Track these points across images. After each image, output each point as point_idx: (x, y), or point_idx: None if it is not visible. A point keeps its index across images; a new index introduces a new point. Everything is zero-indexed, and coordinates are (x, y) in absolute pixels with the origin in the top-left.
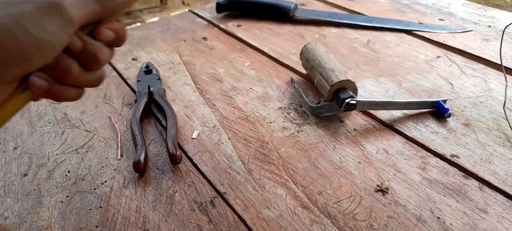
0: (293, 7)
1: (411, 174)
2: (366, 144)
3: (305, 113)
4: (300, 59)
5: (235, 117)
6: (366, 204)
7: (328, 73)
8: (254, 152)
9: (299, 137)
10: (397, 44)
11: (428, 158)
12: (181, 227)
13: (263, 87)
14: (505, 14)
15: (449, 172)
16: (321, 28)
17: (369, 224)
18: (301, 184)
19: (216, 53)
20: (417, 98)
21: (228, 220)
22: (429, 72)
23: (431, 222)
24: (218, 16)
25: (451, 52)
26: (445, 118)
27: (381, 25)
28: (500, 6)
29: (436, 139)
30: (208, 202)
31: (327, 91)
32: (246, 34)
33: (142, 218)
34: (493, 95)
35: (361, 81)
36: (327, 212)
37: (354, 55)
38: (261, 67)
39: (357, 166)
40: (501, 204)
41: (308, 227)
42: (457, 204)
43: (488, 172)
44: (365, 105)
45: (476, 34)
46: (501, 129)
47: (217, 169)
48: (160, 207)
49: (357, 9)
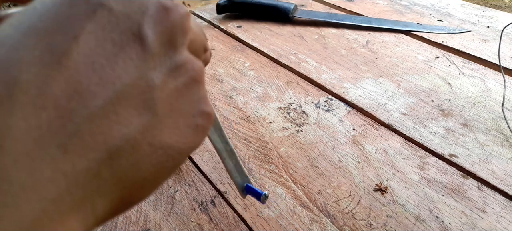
0: (292, 8)
1: (409, 174)
2: (365, 143)
3: (304, 113)
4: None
5: (235, 116)
6: (365, 203)
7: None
8: (254, 152)
9: (298, 137)
10: (396, 44)
11: (426, 157)
12: (181, 226)
13: (263, 88)
14: (504, 14)
15: (447, 172)
16: (321, 29)
17: (368, 223)
18: (300, 184)
19: (216, 54)
20: (416, 97)
21: (228, 219)
22: (427, 73)
23: (430, 221)
24: (218, 17)
25: (450, 53)
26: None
27: (380, 26)
28: (498, 6)
29: (435, 138)
30: (208, 201)
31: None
32: (246, 35)
33: (143, 217)
34: (492, 95)
35: (360, 82)
36: (327, 211)
37: (353, 56)
38: (261, 68)
39: (356, 165)
40: (499, 204)
41: (308, 226)
42: (456, 204)
43: (486, 171)
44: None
45: (474, 35)
46: (500, 129)
47: (217, 168)
48: (161, 206)
49: (356, 10)
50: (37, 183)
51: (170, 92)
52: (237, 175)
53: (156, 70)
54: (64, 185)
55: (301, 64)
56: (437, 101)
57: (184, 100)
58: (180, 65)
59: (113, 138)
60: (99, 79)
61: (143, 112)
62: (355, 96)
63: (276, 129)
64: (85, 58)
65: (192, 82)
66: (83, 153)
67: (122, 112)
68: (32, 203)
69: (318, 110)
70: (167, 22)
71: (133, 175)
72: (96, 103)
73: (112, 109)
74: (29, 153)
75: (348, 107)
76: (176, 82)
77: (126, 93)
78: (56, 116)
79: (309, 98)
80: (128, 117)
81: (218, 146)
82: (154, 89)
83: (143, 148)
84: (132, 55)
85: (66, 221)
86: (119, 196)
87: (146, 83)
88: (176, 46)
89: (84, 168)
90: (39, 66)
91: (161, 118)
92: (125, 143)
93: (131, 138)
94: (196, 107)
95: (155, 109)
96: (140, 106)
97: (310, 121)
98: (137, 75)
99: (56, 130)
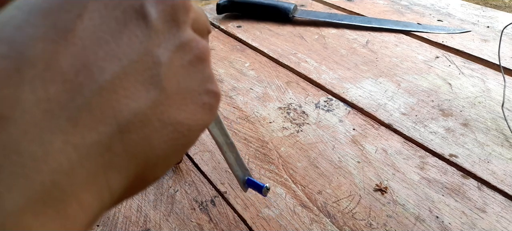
0: (292, 8)
1: (409, 174)
2: (365, 143)
3: (304, 113)
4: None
5: (235, 116)
6: (365, 203)
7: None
8: (254, 152)
9: (298, 137)
10: (396, 44)
11: (426, 157)
12: (181, 226)
13: (263, 88)
14: (504, 14)
15: (447, 172)
16: (321, 29)
17: (368, 223)
18: (300, 184)
19: (216, 54)
20: (416, 97)
21: (228, 219)
22: (427, 73)
23: (430, 221)
24: (218, 17)
25: (450, 53)
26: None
27: (380, 26)
28: (498, 6)
29: (435, 138)
30: (208, 201)
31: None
32: (246, 35)
33: (143, 217)
34: (492, 95)
35: (360, 82)
36: (327, 211)
37: (353, 56)
38: (261, 68)
39: (356, 165)
40: (499, 204)
41: (308, 226)
42: (456, 204)
43: (486, 171)
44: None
45: (474, 35)
46: (500, 129)
47: (217, 168)
48: (161, 206)
49: (356, 10)
50: (48, 154)
51: (176, 69)
52: (238, 168)
53: (161, 46)
54: (75, 157)
55: (301, 64)
56: (437, 101)
57: (191, 78)
58: (184, 43)
59: (123, 111)
60: (105, 55)
61: (150, 88)
62: (355, 96)
63: (276, 129)
64: (90, 34)
65: (197, 61)
66: (93, 126)
67: (130, 87)
68: (42, 174)
69: (318, 110)
70: (169, 0)
71: (145, 150)
72: (104, 77)
73: (120, 84)
74: (39, 124)
75: (348, 107)
76: (181, 60)
77: (133, 69)
78: (64, 89)
79: (309, 98)
80: (136, 92)
81: (219, 139)
82: (161, 66)
83: (153, 123)
84: (137, 32)
85: (79, 195)
86: (133, 172)
87: (152, 60)
88: (179, 24)
89: (94, 140)
90: (46, 42)
91: (168, 94)
92: (135, 117)
93: (141, 113)
94: (202, 85)
95: (163, 86)
96: (148, 82)
97: (310, 121)
98: (143, 51)
99: (65, 102)
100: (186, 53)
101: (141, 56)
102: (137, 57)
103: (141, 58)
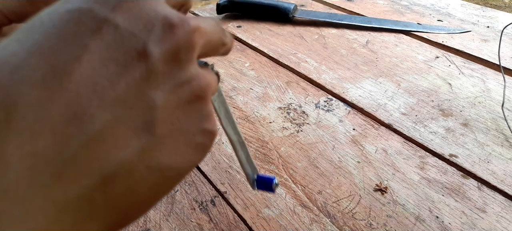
0: (292, 8)
1: (409, 174)
2: (365, 143)
3: (304, 113)
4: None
5: (235, 117)
6: (365, 203)
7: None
8: (254, 152)
9: (298, 137)
10: (396, 44)
11: (426, 157)
12: (181, 226)
13: (263, 88)
14: (504, 14)
15: (447, 172)
16: (321, 29)
17: (368, 223)
18: (300, 184)
19: None
20: (416, 97)
21: (228, 219)
22: (427, 73)
23: (430, 221)
24: (218, 17)
25: (450, 53)
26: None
27: (380, 26)
28: (498, 6)
29: (435, 138)
30: (208, 201)
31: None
32: (246, 35)
33: (143, 217)
34: (492, 95)
35: (360, 82)
36: (327, 211)
37: (353, 56)
38: (261, 68)
39: (356, 165)
40: (499, 204)
41: (308, 226)
42: (456, 204)
43: (486, 171)
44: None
45: (474, 35)
46: (500, 129)
47: (217, 168)
48: (161, 206)
49: (356, 10)
50: (26, 213)
51: (171, 111)
52: (248, 166)
53: (159, 89)
54: (54, 214)
55: (301, 64)
56: (437, 101)
57: (186, 118)
58: (184, 82)
59: (109, 162)
60: (99, 102)
61: (141, 134)
62: (355, 96)
63: (276, 129)
64: (87, 79)
65: (196, 99)
66: (77, 179)
67: (120, 135)
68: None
69: (318, 110)
70: (173, 40)
71: (128, 198)
72: (94, 127)
73: (110, 133)
74: (21, 182)
75: (348, 107)
76: (179, 100)
77: (125, 116)
78: (52, 142)
79: (309, 98)
80: (126, 139)
81: (233, 137)
82: (155, 110)
83: (139, 171)
84: (136, 75)
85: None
86: (114, 219)
87: (147, 104)
88: (181, 63)
89: (75, 195)
90: (40, 88)
91: (160, 139)
92: (121, 167)
93: (127, 162)
94: (198, 125)
95: (155, 131)
96: (140, 129)
97: (310, 121)
98: (139, 97)
99: (51, 156)
100: (184, 92)
101: (136, 102)
102: (133, 103)
103: (136, 104)
